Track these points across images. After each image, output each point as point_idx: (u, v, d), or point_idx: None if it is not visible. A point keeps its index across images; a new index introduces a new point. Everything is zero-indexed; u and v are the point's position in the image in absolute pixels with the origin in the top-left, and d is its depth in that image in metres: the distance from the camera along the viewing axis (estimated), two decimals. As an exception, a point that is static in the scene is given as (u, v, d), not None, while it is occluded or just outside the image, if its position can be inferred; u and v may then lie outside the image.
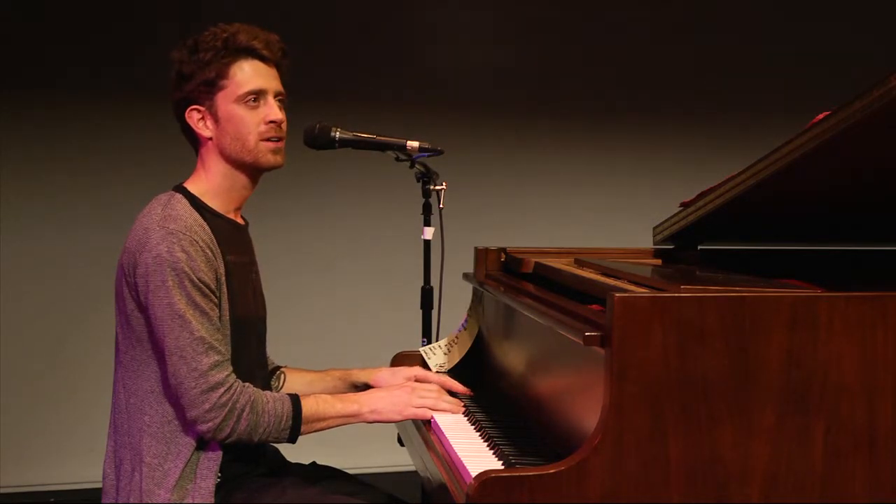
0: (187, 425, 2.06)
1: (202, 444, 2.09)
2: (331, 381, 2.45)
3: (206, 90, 2.15)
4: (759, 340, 1.71)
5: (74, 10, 4.32)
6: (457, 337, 2.75)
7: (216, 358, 2.04)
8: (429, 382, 2.41)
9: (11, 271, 4.32)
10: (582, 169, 4.96)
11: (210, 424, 2.02)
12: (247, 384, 2.09)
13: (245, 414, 2.04)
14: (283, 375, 2.47)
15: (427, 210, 2.66)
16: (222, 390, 2.03)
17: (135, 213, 2.14)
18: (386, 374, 2.45)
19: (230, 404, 2.03)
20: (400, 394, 2.25)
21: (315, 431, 2.15)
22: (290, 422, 2.09)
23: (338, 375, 2.46)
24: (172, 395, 2.06)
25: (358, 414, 2.18)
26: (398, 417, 2.24)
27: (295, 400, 2.12)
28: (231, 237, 2.20)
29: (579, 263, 2.48)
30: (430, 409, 2.24)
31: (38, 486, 4.31)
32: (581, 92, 4.93)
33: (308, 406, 2.12)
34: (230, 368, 2.07)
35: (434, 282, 2.70)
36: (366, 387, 2.42)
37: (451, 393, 2.39)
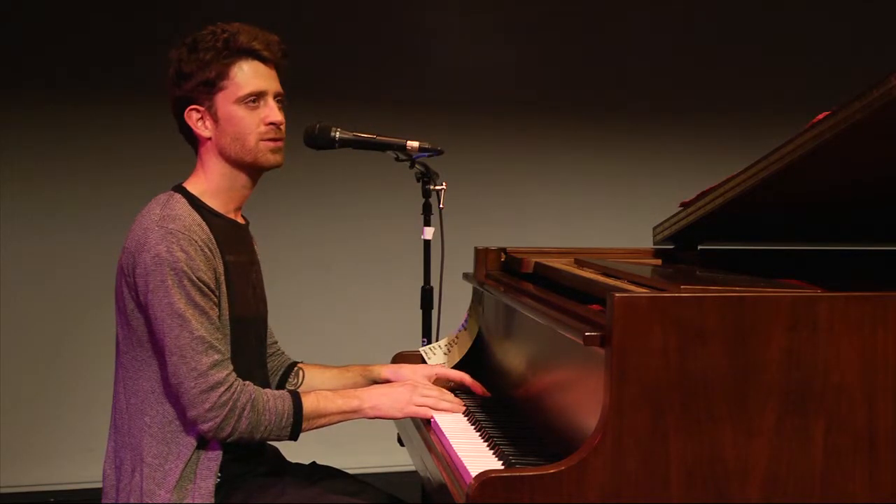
0: (188, 425, 2.06)
1: (202, 444, 2.08)
2: (351, 376, 2.45)
3: (206, 90, 2.15)
4: (759, 340, 1.71)
5: (74, 10, 4.32)
6: (457, 337, 2.75)
7: (216, 357, 2.03)
8: (448, 380, 2.44)
9: (11, 271, 4.32)
10: (582, 169, 4.96)
11: (211, 424, 2.02)
12: (247, 382, 2.09)
13: (246, 412, 2.04)
14: (301, 372, 2.46)
15: (427, 210, 2.66)
16: (222, 389, 2.02)
17: (135, 213, 2.14)
18: (407, 371, 2.44)
19: (231, 403, 2.03)
20: (402, 391, 2.25)
21: (317, 428, 2.15)
22: (292, 419, 2.09)
23: (358, 371, 2.45)
24: (173, 396, 2.06)
25: (359, 410, 2.18)
26: (399, 415, 2.24)
27: (295, 397, 2.12)
28: (230, 237, 2.20)
29: (579, 263, 2.48)
30: (430, 408, 2.24)
31: (38, 486, 4.31)
32: (581, 92, 4.93)
33: (309, 403, 2.12)
34: (230, 367, 2.07)
35: (434, 282, 2.70)
36: (386, 382, 2.41)
37: (456, 392, 2.40)
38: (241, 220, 2.28)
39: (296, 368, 2.47)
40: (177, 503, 2.05)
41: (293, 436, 2.11)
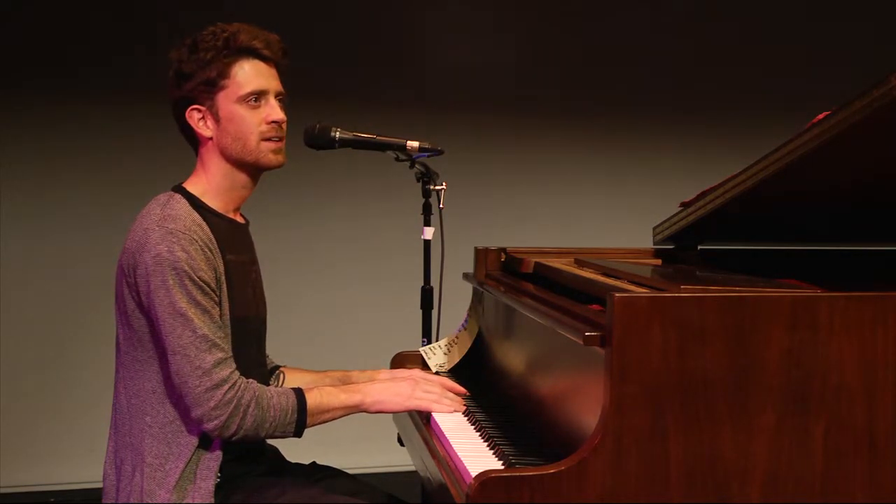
0: (192, 424, 2.06)
1: (203, 444, 2.08)
2: (329, 381, 2.45)
3: (207, 90, 2.15)
4: (759, 340, 1.71)
5: (74, 10, 4.32)
6: (457, 337, 2.75)
7: (219, 355, 2.03)
8: None
9: (11, 271, 4.32)
10: (582, 169, 4.96)
11: (216, 422, 2.02)
12: (250, 380, 2.09)
13: (251, 410, 2.04)
14: (282, 375, 2.47)
15: (427, 210, 2.66)
16: (226, 387, 2.02)
17: (135, 213, 2.14)
18: (385, 376, 2.45)
19: (235, 401, 2.03)
20: (404, 385, 2.25)
21: (320, 423, 2.15)
22: (296, 415, 2.09)
23: (337, 376, 2.46)
24: (174, 396, 2.06)
25: (361, 404, 2.18)
26: (401, 408, 2.25)
27: (299, 393, 2.12)
28: (230, 236, 2.20)
29: (579, 263, 2.48)
30: (433, 402, 2.25)
31: (38, 486, 4.31)
32: (581, 91, 4.93)
33: (312, 398, 2.12)
34: (233, 365, 2.07)
35: (434, 282, 2.70)
36: None
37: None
38: (240, 220, 2.28)
39: (277, 372, 2.47)
40: (177, 503, 2.05)
41: (297, 432, 2.11)
